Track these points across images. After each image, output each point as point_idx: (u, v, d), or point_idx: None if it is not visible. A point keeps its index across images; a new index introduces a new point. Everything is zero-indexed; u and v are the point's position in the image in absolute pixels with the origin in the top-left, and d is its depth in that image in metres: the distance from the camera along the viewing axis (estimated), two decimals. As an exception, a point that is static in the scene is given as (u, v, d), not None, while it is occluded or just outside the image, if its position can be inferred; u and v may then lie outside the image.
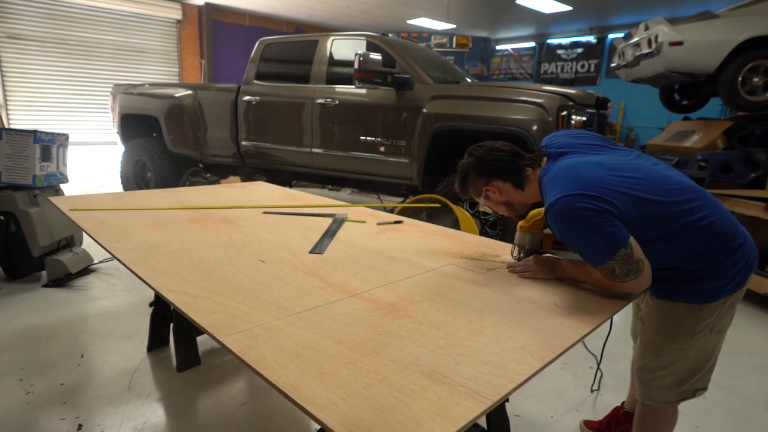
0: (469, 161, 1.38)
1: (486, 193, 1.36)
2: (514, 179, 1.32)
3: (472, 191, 1.40)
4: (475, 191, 1.39)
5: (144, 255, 1.33)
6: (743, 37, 4.23)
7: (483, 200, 1.40)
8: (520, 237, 1.41)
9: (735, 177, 4.15)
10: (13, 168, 2.82)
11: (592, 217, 1.07)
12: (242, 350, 0.83)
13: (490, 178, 1.34)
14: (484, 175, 1.34)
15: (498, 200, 1.36)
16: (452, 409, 0.68)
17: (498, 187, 1.33)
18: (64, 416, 1.71)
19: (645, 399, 1.34)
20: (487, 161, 1.34)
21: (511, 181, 1.32)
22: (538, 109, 3.12)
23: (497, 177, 1.33)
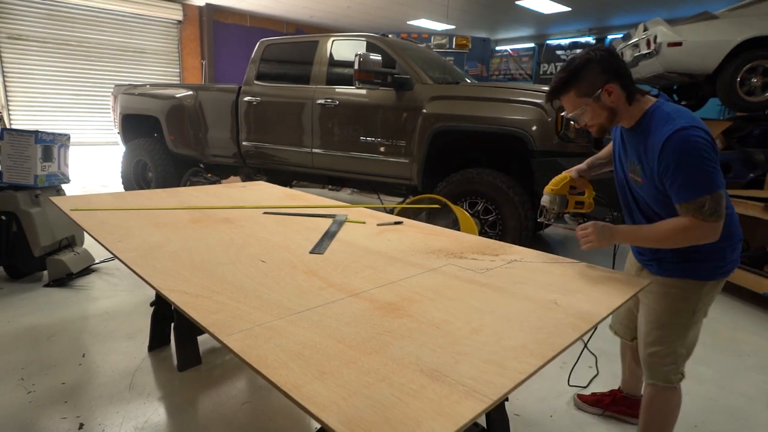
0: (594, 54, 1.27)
1: (601, 93, 1.26)
2: (630, 90, 1.28)
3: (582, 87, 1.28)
4: (588, 88, 1.27)
5: (145, 255, 1.34)
6: (742, 38, 4.23)
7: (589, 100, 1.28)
8: (550, 199, 1.47)
9: (734, 177, 4.15)
10: (14, 168, 2.83)
11: (710, 151, 1.16)
12: (243, 350, 0.83)
13: (611, 78, 1.26)
14: (608, 72, 1.26)
15: (607, 105, 1.28)
16: (452, 408, 0.69)
17: (615, 90, 1.26)
18: (66, 415, 1.72)
19: (652, 380, 1.44)
20: (616, 60, 1.27)
21: (627, 90, 1.27)
22: (537, 109, 3.12)
23: (619, 80, 1.26)
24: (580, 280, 1.28)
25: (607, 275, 1.33)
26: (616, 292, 1.19)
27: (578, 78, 1.27)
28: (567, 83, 1.29)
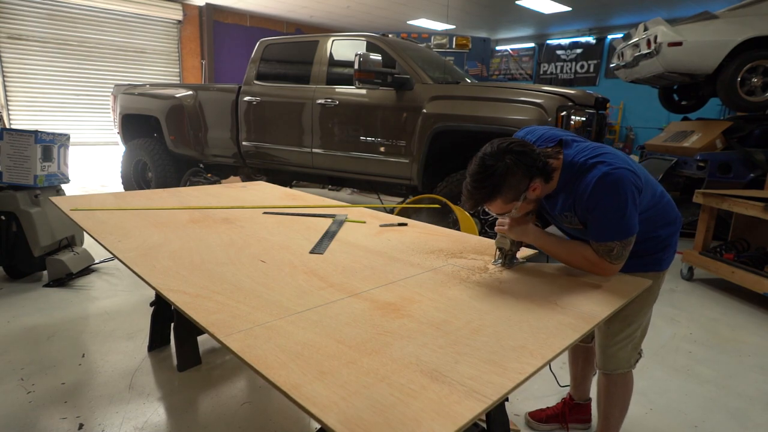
0: (510, 162, 1.19)
1: (526, 194, 1.24)
2: (545, 174, 1.24)
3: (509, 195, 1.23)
4: (514, 194, 1.23)
5: (145, 255, 1.34)
6: (742, 38, 4.24)
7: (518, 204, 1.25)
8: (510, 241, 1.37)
9: (734, 177, 4.15)
10: (14, 168, 2.83)
11: (634, 198, 1.19)
12: (243, 350, 0.83)
13: (532, 178, 1.23)
14: (528, 174, 1.21)
15: (533, 198, 1.27)
16: (452, 408, 0.69)
17: (537, 184, 1.24)
18: (65, 416, 1.72)
19: (611, 369, 1.48)
20: (530, 158, 1.21)
21: (543, 176, 1.24)
22: (537, 109, 3.12)
23: (537, 174, 1.23)
24: (580, 281, 1.28)
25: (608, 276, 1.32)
26: (616, 293, 1.19)
27: (501, 189, 1.21)
28: (491, 195, 1.22)
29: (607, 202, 1.19)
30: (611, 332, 1.45)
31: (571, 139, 1.31)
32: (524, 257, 1.47)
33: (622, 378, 1.50)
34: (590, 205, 1.21)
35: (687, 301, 3.13)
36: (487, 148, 1.23)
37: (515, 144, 1.22)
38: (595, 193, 1.19)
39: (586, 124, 3.24)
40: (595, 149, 1.26)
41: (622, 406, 1.54)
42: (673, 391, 2.07)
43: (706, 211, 3.40)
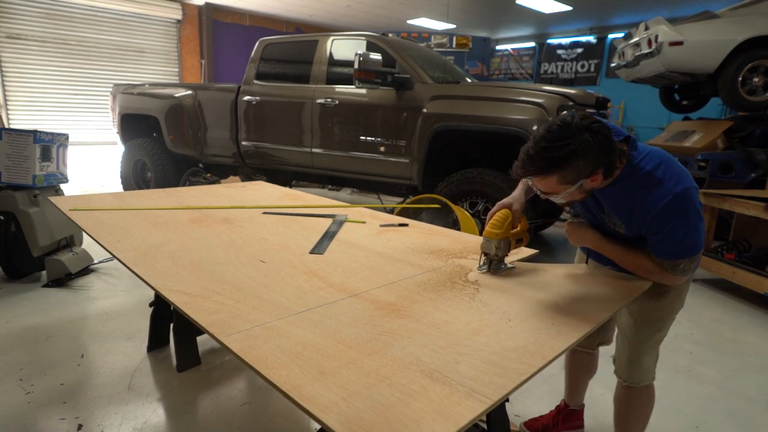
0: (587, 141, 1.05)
1: (584, 182, 1.11)
2: (610, 168, 1.12)
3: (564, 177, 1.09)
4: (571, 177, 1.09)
5: (144, 255, 1.33)
6: (743, 37, 4.23)
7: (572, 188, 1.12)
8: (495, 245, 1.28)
9: (735, 177, 4.15)
10: (13, 168, 2.82)
11: (699, 214, 1.14)
12: (242, 350, 0.83)
13: (598, 167, 1.09)
14: (597, 162, 1.08)
15: (587, 188, 1.15)
16: (453, 409, 0.68)
17: (599, 176, 1.11)
18: (64, 416, 1.71)
19: (636, 381, 1.40)
20: (607, 146, 1.08)
21: (608, 170, 1.12)
22: (538, 109, 3.12)
23: (606, 165, 1.10)
24: (581, 281, 1.27)
25: (609, 277, 1.32)
26: (618, 294, 1.19)
27: (564, 166, 1.07)
28: (551, 168, 1.08)
29: (676, 224, 1.13)
30: (640, 338, 1.36)
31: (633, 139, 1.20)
32: (523, 258, 1.46)
33: (647, 391, 1.42)
34: (657, 226, 1.14)
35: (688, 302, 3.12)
36: (567, 117, 1.08)
37: (599, 125, 1.08)
38: (664, 215, 1.12)
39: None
40: (659, 156, 1.16)
41: (645, 420, 1.45)
42: (674, 392, 2.06)
43: (707, 211, 3.39)
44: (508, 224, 1.30)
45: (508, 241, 1.32)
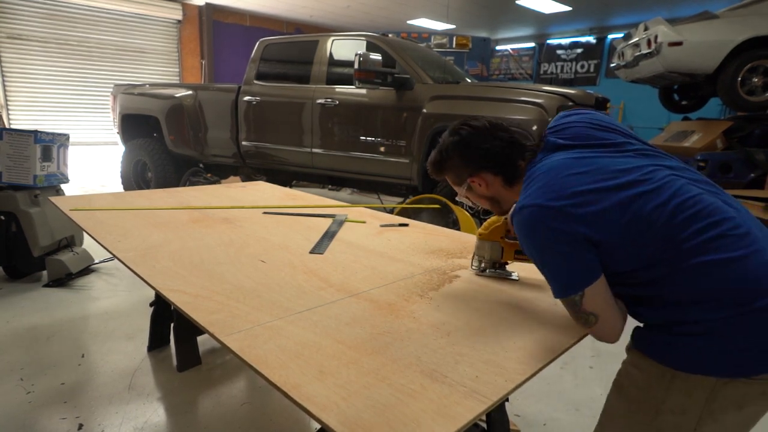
0: (453, 141, 1.07)
1: (470, 184, 1.09)
2: (506, 173, 1.03)
3: (451, 177, 1.12)
4: (456, 178, 1.11)
5: (144, 255, 1.34)
6: (743, 38, 4.24)
7: (463, 190, 1.11)
8: (479, 246, 1.27)
9: (734, 177, 4.15)
10: (13, 168, 2.82)
11: (554, 241, 0.85)
12: (242, 350, 0.83)
13: (477, 169, 1.05)
14: (470, 163, 1.06)
15: (482, 194, 1.09)
16: (452, 409, 0.69)
17: (486, 180, 1.05)
18: (65, 416, 1.71)
19: None
20: (476, 148, 1.04)
21: (502, 175, 1.04)
22: (537, 109, 3.12)
23: (486, 168, 1.04)
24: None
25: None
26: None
27: (444, 167, 1.11)
28: (437, 168, 1.12)
29: (529, 245, 0.90)
30: None
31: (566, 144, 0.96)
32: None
33: None
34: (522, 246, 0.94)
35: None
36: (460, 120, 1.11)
37: (469, 128, 1.06)
38: (517, 232, 0.93)
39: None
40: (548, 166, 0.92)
41: None
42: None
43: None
44: (495, 228, 1.27)
45: (499, 246, 1.28)
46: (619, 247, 0.84)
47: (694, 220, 0.81)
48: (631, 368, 0.90)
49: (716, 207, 0.83)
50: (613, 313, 0.88)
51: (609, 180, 0.85)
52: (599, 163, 0.89)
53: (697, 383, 0.80)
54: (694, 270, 0.79)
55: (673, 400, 0.82)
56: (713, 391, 0.79)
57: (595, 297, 0.86)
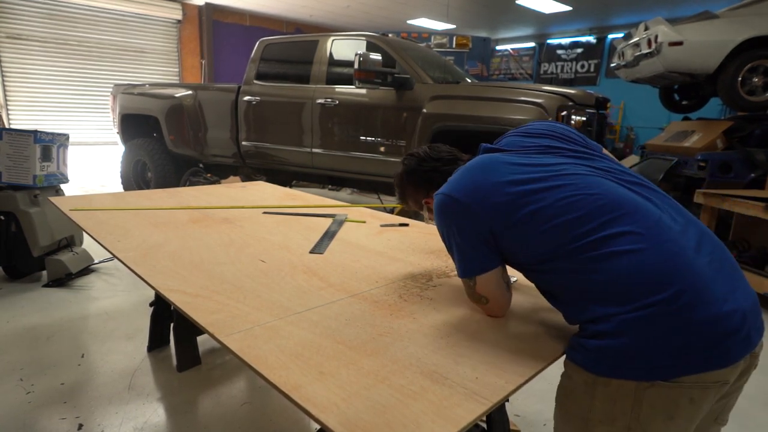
0: (400, 173, 1.24)
1: (426, 206, 1.21)
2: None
3: (412, 203, 1.27)
4: (416, 204, 1.26)
5: (144, 255, 1.33)
6: (743, 38, 4.23)
7: (426, 212, 1.23)
8: None
9: (734, 177, 4.14)
10: (13, 168, 2.82)
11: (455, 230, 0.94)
12: (242, 350, 0.83)
13: (428, 190, 1.17)
14: (420, 188, 1.20)
15: None
16: (453, 410, 0.68)
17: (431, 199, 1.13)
18: (65, 416, 1.71)
19: None
20: (419, 173, 1.19)
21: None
22: (537, 109, 3.12)
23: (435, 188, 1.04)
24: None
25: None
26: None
27: (405, 196, 1.26)
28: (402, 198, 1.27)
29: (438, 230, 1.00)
30: None
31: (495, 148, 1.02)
32: None
33: None
34: None
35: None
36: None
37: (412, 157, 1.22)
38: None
39: (587, 124, 3.24)
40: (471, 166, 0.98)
41: None
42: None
43: (706, 211, 3.39)
44: None
45: None
46: (520, 239, 0.88)
47: (595, 214, 0.82)
48: (564, 378, 0.88)
49: (625, 201, 0.84)
50: (502, 296, 0.99)
51: (512, 175, 0.90)
52: (508, 160, 0.94)
53: (619, 388, 0.77)
54: (590, 264, 0.80)
55: (599, 408, 0.80)
56: (636, 397, 0.76)
57: (486, 284, 0.96)
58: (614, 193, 0.85)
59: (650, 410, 0.76)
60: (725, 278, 0.80)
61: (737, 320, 0.76)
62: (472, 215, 0.90)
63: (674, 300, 0.74)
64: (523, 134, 1.04)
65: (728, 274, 0.82)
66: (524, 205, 0.86)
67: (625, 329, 0.75)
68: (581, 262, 0.81)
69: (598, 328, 0.79)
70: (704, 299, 0.75)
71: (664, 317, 0.74)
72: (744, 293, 0.81)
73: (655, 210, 0.84)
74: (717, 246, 0.86)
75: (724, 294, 0.77)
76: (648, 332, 0.74)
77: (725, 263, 0.84)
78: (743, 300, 0.79)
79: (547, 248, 0.85)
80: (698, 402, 0.76)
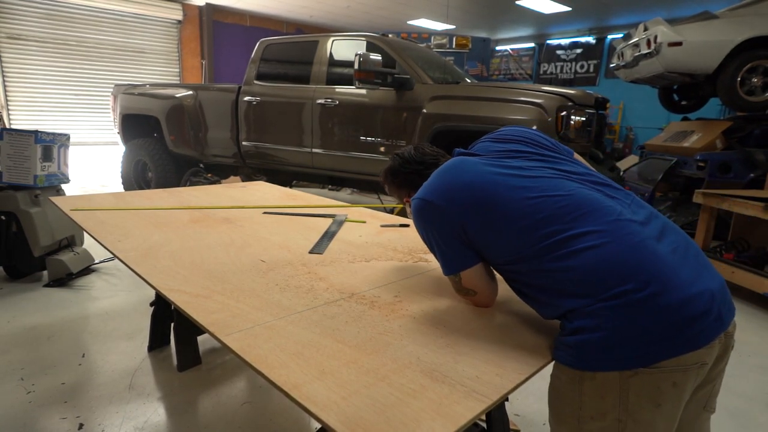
0: (385, 170, 1.28)
1: (407, 204, 1.23)
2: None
3: (395, 197, 1.32)
4: (398, 200, 1.33)
5: (145, 254, 1.34)
6: (742, 38, 4.24)
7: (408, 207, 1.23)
8: None
9: (734, 177, 4.15)
10: (14, 168, 2.83)
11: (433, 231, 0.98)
12: (243, 349, 0.83)
13: (409, 190, 1.21)
14: (402, 186, 1.24)
15: None
16: (452, 408, 0.69)
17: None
18: (65, 416, 1.72)
19: None
20: (402, 174, 1.23)
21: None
22: (537, 109, 3.12)
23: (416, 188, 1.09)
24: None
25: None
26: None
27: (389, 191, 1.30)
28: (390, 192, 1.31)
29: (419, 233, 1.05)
30: None
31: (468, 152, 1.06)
32: None
33: None
34: None
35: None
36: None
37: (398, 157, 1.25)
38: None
39: (586, 124, 3.24)
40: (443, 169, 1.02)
41: None
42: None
43: (706, 211, 3.40)
44: None
45: None
46: (488, 239, 0.92)
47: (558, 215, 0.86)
48: (553, 378, 0.89)
49: (587, 201, 0.88)
50: (489, 288, 1.04)
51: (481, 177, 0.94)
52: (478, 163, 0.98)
53: (604, 381, 0.79)
54: (556, 261, 0.83)
55: (589, 404, 0.82)
56: (622, 387, 0.78)
57: (471, 278, 1.00)
58: (577, 194, 0.89)
59: (637, 399, 0.78)
60: (690, 264, 0.83)
61: (705, 301, 0.79)
62: (445, 216, 0.94)
63: (642, 288, 0.77)
64: (494, 140, 1.09)
65: (693, 260, 0.85)
66: (492, 206, 0.90)
67: (600, 322, 0.78)
68: (547, 261, 0.84)
69: (574, 324, 0.81)
70: (671, 285, 0.77)
71: (634, 306, 0.77)
72: (710, 276, 0.84)
73: (617, 206, 0.88)
74: (680, 235, 0.89)
75: (690, 278, 0.80)
76: (622, 322, 0.77)
77: (689, 251, 0.86)
78: (710, 281, 0.82)
79: (513, 249, 0.89)
80: (681, 385, 0.79)
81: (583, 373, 0.80)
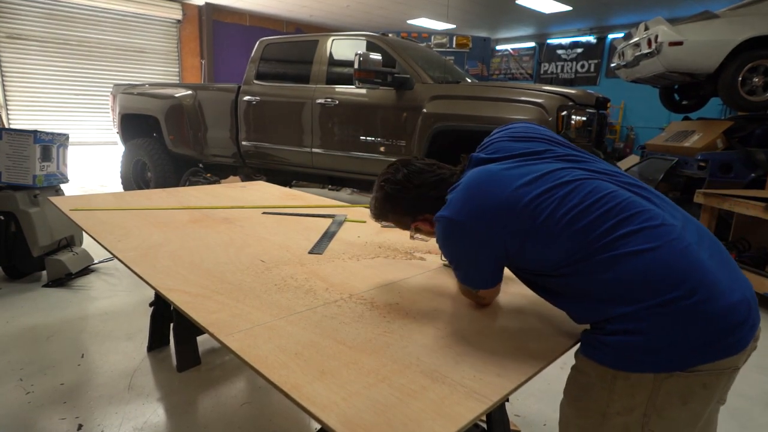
0: (380, 198, 1.11)
1: (416, 227, 1.12)
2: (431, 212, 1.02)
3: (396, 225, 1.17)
4: (401, 226, 1.16)
5: (144, 255, 1.33)
6: (743, 37, 4.23)
7: (413, 233, 1.16)
8: None
9: (735, 177, 4.14)
10: (13, 168, 2.82)
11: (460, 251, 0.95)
12: (242, 349, 0.83)
13: (415, 215, 1.09)
14: (406, 213, 1.11)
15: (430, 230, 1.10)
16: (453, 409, 0.68)
17: (428, 219, 1.07)
18: (64, 416, 1.71)
19: None
20: (404, 201, 1.09)
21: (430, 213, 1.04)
22: (538, 109, 3.12)
23: (422, 212, 1.07)
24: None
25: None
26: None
27: (387, 219, 1.15)
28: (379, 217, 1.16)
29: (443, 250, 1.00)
30: None
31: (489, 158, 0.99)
32: None
33: None
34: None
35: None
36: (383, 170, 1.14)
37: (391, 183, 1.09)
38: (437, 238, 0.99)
39: (587, 124, 3.24)
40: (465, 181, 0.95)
41: None
42: (674, 391, 2.06)
43: (707, 211, 3.39)
44: None
45: None
46: (536, 251, 0.88)
47: (605, 217, 0.83)
48: (576, 373, 0.90)
49: (630, 202, 0.85)
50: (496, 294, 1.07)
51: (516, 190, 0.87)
52: (512, 173, 0.91)
53: (638, 381, 0.80)
54: (606, 265, 0.81)
55: (618, 402, 0.82)
56: (654, 387, 0.79)
57: (490, 291, 1.02)
58: (619, 196, 0.86)
59: (666, 397, 0.80)
60: (726, 271, 0.83)
61: (745, 309, 0.80)
62: (485, 239, 0.89)
63: (689, 295, 0.76)
64: (511, 138, 1.03)
65: (727, 266, 0.85)
66: (535, 217, 0.85)
67: (646, 326, 0.78)
68: (598, 264, 0.82)
69: (616, 326, 0.81)
70: (716, 292, 0.78)
71: (682, 313, 0.76)
72: (744, 283, 0.85)
73: (656, 209, 0.86)
74: (713, 241, 0.89)
75: (729, 286, 0.80)
76: (668, 327, 0.77)
77: (723, 256, 0.87)
78: (746, 289, 0.83)
79: (564, 255, 0.85)
80: (711, 388, 0.80)
81: (618, 372, 0.81)
